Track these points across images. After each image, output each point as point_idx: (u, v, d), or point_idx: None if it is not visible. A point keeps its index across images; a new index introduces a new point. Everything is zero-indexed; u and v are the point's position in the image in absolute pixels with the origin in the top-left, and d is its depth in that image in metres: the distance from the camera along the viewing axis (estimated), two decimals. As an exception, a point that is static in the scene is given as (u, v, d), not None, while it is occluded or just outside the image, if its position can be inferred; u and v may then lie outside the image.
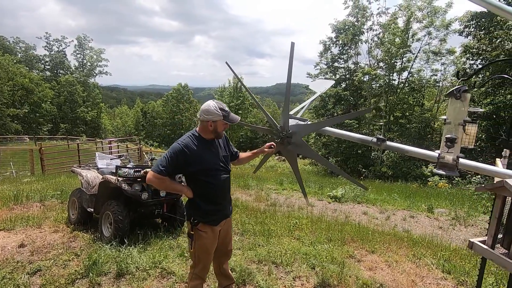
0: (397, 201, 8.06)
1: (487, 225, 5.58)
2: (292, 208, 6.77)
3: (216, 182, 2.08)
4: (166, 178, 1.97)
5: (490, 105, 13.79)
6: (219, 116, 2.01)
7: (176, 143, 2.01)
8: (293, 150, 2.36)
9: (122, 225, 3.62)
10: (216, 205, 2.12)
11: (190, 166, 2.00)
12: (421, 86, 18.93)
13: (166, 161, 1.94)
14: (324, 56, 22.01)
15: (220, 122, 2.04)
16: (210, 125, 2.03)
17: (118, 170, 3.79)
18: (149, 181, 1.95)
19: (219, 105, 2.02)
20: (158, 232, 4.01)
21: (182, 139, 2.04)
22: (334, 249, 3.85)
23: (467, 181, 13.73)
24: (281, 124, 2.29)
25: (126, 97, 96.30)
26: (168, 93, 47.45)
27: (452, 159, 1.69)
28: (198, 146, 2.03)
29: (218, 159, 2.13)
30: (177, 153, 1.96)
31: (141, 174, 3.75)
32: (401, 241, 4.43)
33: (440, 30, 17.06)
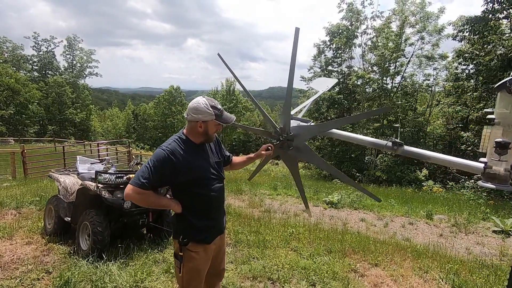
0: (394, 207, 7.85)
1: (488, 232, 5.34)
2: (287, 214, 6.47)
3: (209, 193, 1.77)
4: (149, 192, 1.63)
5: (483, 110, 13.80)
6: (211, 116, 1.69)
7: (159, 149, 1.67)
8: (295, 155, 2.06)
9: (101, 237, 3.26)
10: (210, 220, 1.80)
11: (178, 176, 1.67)
12: (414, 90, 18.98)
13: (149, 172, 1.60)
14: (318, 59, 21.94)
15: (212, 122, 1.72)
16: (199, 126, 1.72)
17: (98, 176, 3.42)
18: (128, 198, 1.60)
19: (211, 102, 1.70)
20: (142, 245, 3.65)
21: (167, 143, 1.71)
22: (334, 262, 3.56)
23: (461, 185, 13.69)
24: (281, 126, 1.99)
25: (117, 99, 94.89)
26: (160, 95, 46.84)
27: (504, 170, 1.40)
28: (186, 151, 1.70)
29: (210, 166, 1.81)
30: (161, 161, 1.62)
31: (123, 181, 3.40)
32: (404, 251, 4.16)
33: (432, 35, 17.14)
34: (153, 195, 1.66)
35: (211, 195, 1.77)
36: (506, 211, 7.84)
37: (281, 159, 2.18)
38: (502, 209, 8.09)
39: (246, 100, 38.74)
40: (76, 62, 40.09)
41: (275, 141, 2.06)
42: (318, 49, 21.37)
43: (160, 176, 1.63)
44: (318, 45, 21.30)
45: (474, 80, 14.26)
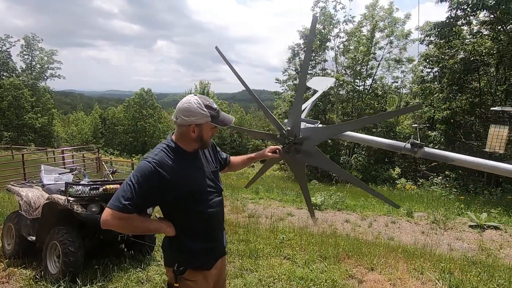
0: (375, 206, 7.97)
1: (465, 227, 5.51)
2: (271, 219, 6.30)
3: (207, 210, 1.49)
4: (133, 216, 1.32)
5: (448, 110, 14.67)
6: (206, 117, 1.41)
7: (144, 161, 1.37)
8: (303, 160, 1.86)
9: (74, 258, 2.85)
10: (209, 242, 1.53)
11: (168, 193, 1.38)
12: (384, 92, 19.81)
13: (132, 191, 1.29)
14: (293, 62, 22.18)
15: (207, 125, 1.45)
16: (192, 131, 1.43)
17: (69, 188, 3.00)
18: (107, 225, 1.28)
19: (205, 101, 1.42)
20: (122, 263, 3.26)
21: (153, 154, 1.40)
22: (331, 268, 3.42)
23: (430, 182, 14.40)
24: (289, 127, 1.78)
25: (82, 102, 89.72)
26: (130, 98, 44.89)
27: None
28: (177, 162, 1.42)
29: (206, 177, 1.53)
30: (147, 176, 1.32)
31: (99, 192, 3.01)
32: (395, 252, 4.14)
33: (400, 40, 18.00)
34: (138, 218, 1.34)
35: (210, 211, 1.50)
36: (477, 206, 8.28)
37: (287, 165, 1.98)
38: (473, 204, 8.53)
39: (221, 103, 38.32)
40: (36, 63, 37.24)
41: (281, 145, 1.86)
42: (292, 51, 21.61)
43: (147, 195, 1.33)
44: (292, 48, 21.55)
45: (439, 82, 15.14)
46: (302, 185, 2.07)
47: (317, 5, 19.60)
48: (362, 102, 18.42)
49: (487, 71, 13.58)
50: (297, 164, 1.97)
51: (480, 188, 11.99)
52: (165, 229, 1.44)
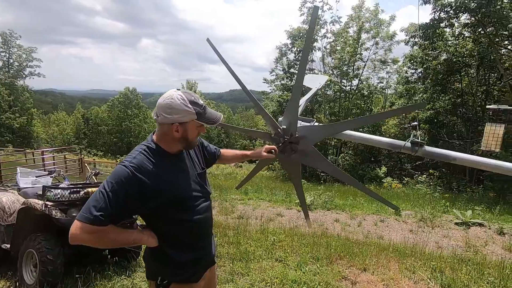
0: (364, 205, 8.01)
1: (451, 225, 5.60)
2: (261, 220, 6.21)
3: (193, 217, 1.34)
4: (108, 228, 1.15)
5: (431, 110, 15.04)
6: (191, 114, 1.25)
7: (120, 166, 1.21)
8: (298, 160, 1.77)
9: (52, 267, 2.65)
10: (196, 251, 1.39)
11: (148, 201, 1.23)
12: (370, 92, 20.12)
13: (105, 200, 1.13)
14: (280, 62, 22.17)
15: (193, 124, 1.28)
16: (176, 130, 1.26)
17: (47, 191, 2.81)
18: (76, 240, 1.12)
19: (189, 97, 1.26)
20: (105, 271, 3.08)
21: (131, 157, 1.24)
22: (323, 270, 3.36)
23: (415, 181, 14.71)
24: (285, 125, 1.69)
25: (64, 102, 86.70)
26: (114, 98, 43.81)
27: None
28: (159, 165, 1.26)
29: (192, 180, 1.38)
30: (124, 183, 1.16)
31: (80, 196, 2.82)
32: (386, 251, 4.14)
33: (385, 41, 18.32)
34: (114, 230, 1.18)
35: (196, 219, 1.35)
36: (461, 203, 8.48)
37: (281, 165, 1.88)
38: (457, 201, 8.74)
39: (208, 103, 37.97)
40: (13, 60, 35.69)
41: (277, 144, 1.76)
42: (280, 51, 21.60)
43: (123, 204, 1.16)
44: (280, 48, 21.54)
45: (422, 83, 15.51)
46: (297, 186, 1.98)
47: (305, 6, 19.68)
48: (349, 102, 18.63)
49: (468, 72, 14.01)
50: (292, 164, 1.88)
51: (463, 186, 12.35)
52: (147, 239, 1.29)
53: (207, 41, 1.64)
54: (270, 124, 1.72)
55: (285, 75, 21.46)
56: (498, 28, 10.86)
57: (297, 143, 1.69)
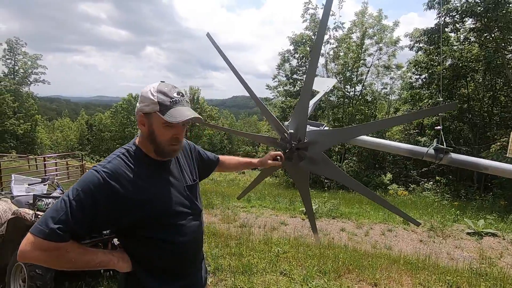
0: (370, 213, 7.77)
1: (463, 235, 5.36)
2: (264, 229, 6.00)
3: (179, 239, 1.11)
4: (67, 245, 0.93)
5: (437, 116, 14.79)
6: (153, 104, 1.03)
7: (91, 170, 1.01)
8: (307, 167, 1.59)
9: (42, 282, 2.48)
10: (181, 280, 1.16)
11: (123, 216, 1.01)
12: (374, 98, 19.96)
13: (66, 210, 0.92)
14: (282, 68, 22.14)
15: (157, 118, 1.04)
16: (142, 123, 1.08)
17: (38, 200, 2.65)
18: (25, 258, 0.91)
19: (162, 87, 1.05)
20: (99, 285, 2.89)
21: (106, 161, 1.05)
22: (331, 285, 3.14)
23: (422, 188, 14.40)
24: (292, 130, 1.52)
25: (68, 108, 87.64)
26: (117, 104, 44.06)
27: None
28: (138, 172, 1.05)
29: (179, 193, 1.15)
30: (92, 191, 0.96)
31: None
32: (397, 264, 3.91)
33: (389, 46, 18.22)
34: (75, 249, 0.95)
35: (182, 240, 1.11)
36: (472, 212, 8.20)
37: (288, 173, 1.71)
38: (468, 210, 8.45)
39: (211, 109, 38.00)
40: (19, 67, 36.10)
41: (282, 150, 1.59)
42: (282, 57, 21.59)
43: (89, 217, 0.95)
44: (282, 54, 21.54)
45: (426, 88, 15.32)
46: (304, 196, 1.80)
47: (307, 12, 19.72)
48: (353, 108, 18.46)
49: (475, 78, 13.81)
50: (299, 173, 1.70)
51: (472, 193, 12.03)
52: (117, 263, 1.05)
53: (207, 36, 1.49)
54: (276, 127, 1.55)
55: (288, 81, 21.40)
56: (505, 33, 10.70)
57: (306, 149, 1.52)
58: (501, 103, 13.65)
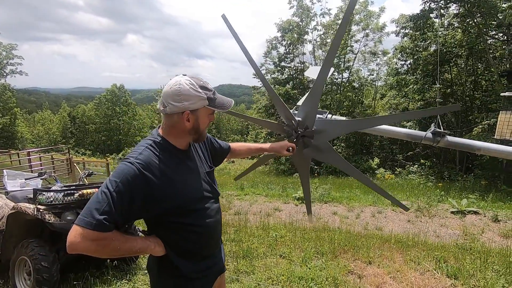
0: (360, 197, 8.04)
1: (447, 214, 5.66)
2: (259, 215, 6.14)
3: (205, 221, 1.20)
4: (111, 235, 0.99)
5: (422, 101, 15.20)
6: (202, 100, 1.12)
7: (125, 163, 1.05)
8: (310, 154, 1.67)
9: (48, 275, 2.50)
10: (207, 260, 1.26)
11: (157, 204, 1.08)
12: (361, 84, 20.22)
13: (109, 202, 0.97)
14: (270, 56, 21.96)
15: (204, 111, 1.15)
16: (187, 120, 1.13)
17: (38, 194, 2.63)
18: (75, 249, 0.96)
19: (198, 82, 1.13)
20: (104, 275, 2.94)
21: (136, 153, 1.09)
22: (329, 265, 3.31)
23: (407, 171, 14.92)
24: (300, 118, 1.58)
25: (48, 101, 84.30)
26: (101, 95, 42.75)
27: None
28: (168, 163, 1.13)
29: (202, 180, 1.24)
30: (130, 182, 1.01)
31: (75, 198, 2.66)
32: (389, 243, 4.12)
33: (375, 33, 18.35)
34: (119, 237, 1.01)
35: (207, 222, 1.21)
36: (455, 192, 8.62)
37: (292, 159, 1.79)
38: (451, 190, 8.88)
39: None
40: (-7, 58, 34.24)
41: (288, 136, 1.66)
42: (270, 45, 21.38)
43: (129, 207, 1.01)
44: (270, 41, 21.32)
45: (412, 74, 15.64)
46: (304, 181, 1.89)
47: (294, -2, 19.48)
48: (340, 94, 18.67)
49: (457, 63, 14.18)
50: (302, 159, 1.77)
51: (455, 174, 12.57)
52: (153, 248, 1.12)
53: (222, 17, 1.50)
54: (284, 114, 1.61)
55: (276, 68, 21.29)
56: (486, 18, 10.97)
57: (312, 137, 1.59)
58: (482, 88, 14.13)
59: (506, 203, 7.72)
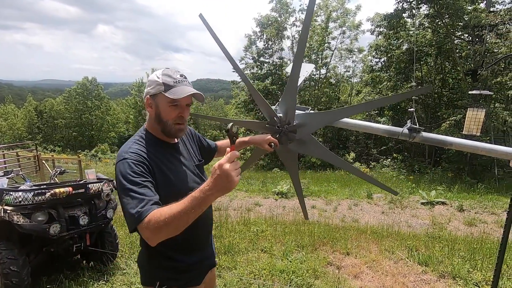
0: (337, 190, 8.29)
1: (418, 205, 5.97)
2: (240, 211, 6.16)
3: None
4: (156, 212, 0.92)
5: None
6: (158, 85, 1.11)
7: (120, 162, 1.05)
8: (295, 149, 1.69)
9: (18, 279, 2.37)
10: (198, 253, 1.27)
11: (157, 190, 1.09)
12: (337, 81, 20.68)
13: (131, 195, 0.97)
14: (249, 50, 21.85)
15: (163, 98, 1.11)
16: (149, 106, 1.16)
17: (5, 195, 2.47)
18: (155, 241, 0.92)
19: (167, 71, 1.15)
20: (80, 277, 2.82)
21: (126, 148, 1.11)
22: (309, 257, 3.39)
23: (381, 165, 15.54)
24: (281, 114, 1.60)
25: (12, 94, 78.62)
26: (71, 88, 40.53)
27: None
28: (156, 154, 1.13)
29: (191, 172, 1.25)
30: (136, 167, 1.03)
31: (46, 198, 2.52)
32: (365, 235, 4.30)
33: (352, 30, 18.78)
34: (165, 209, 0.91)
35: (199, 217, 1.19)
36: (425, 184, 9.11)
37: (279, 155, 1.80)
38: (421, 183, 9.37)
39: (175, 93, 36.51)
40: None
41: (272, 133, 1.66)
42: (249, 39, 21.25)
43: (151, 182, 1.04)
44: (249, 36, 21.18)
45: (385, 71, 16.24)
46: (294, 177, 1.91)
47: (273, -7, 19.41)
48: (318, 90, 19.00)
49: (427, 61, 14.87)
50: (288, 154, 1.79)
51: (424, 168, 13.27)
52: (211, 194, 0.88)
53: (199, 17, 1.47)
54: (266, 111, 1.61)
55: (255, 63, 21.23)
56: (454, 19, 11.57)
57: (295, 132, 1.61)
58: (449, 85, 14.95)
59: (470, 193, 8.28)
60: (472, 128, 2.07)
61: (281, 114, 1.63)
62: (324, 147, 1.67)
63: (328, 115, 1.60)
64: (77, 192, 2.72)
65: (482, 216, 6.03)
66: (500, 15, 10.04)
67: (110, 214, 2.97)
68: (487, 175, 10.89)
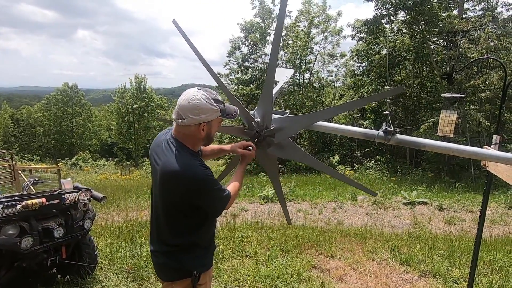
0: (322, 193, 8.37)
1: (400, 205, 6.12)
2: (225, 216, 6.10)
3: None
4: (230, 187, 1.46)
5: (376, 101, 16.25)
6: (216, 112, 1.30)
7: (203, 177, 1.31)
8: (275, 153, 1.70)
9: (-14, 297, 2.22)
10: (214, 240, 1.57)
11: None
12: (321, 85, 21.05)
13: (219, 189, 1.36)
14: (233, 56, 21.89)
15: (216, 120, 1.36)
16: (202, 129, 1.32)
17: (-28, 208, 2.32)
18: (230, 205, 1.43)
19: (212, 95, 1.30)
20: (54, 292, 2.69)
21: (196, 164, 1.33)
22: (294, 261, 3.39)
23: (365, 167, 15.86)
24: (258, 118, 1.59)
25: (-14, 101, 75.14)
26: (50, 95, 39.21)
27: None
28: None
29: None
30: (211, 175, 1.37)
31: (18, 210, 2.39)
32: (349, 236, 4.34)
33: (334, 36, 19.21)
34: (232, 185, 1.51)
35: None
36: (407, 185, 9.35)
37: (258, 160, 1.79)
38: (403, 184, 9.61)
39: (160, 98, 36.00)
40: None
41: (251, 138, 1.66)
42: (233, 45, 21.30)
43: None
44: (233, 41, 21.24)
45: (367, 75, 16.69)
46: (275, 182, 1.91)
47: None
48: (302, 94, 19.25)
49: (406, 66, 15.41)
50: (268, 159, 1.79)
51: (406, 168, 13.64)
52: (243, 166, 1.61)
53: (172, 23, 1.46)
54: (244, 116, 1.60)
55: (240, 68, 21.28)
56: (429, 25, 12.06)
57: (273, 136, 1.61)
58: (427, 88, 15.52)
59: (449, 192, 8.58)
60: (446, 130, 2.14)
61: (259, 118, 1.63)
62: (303, 151, 1.68)
63: (305, 118, 1.62)
64: (51, 203, 2.60)
65: (461, 215, 6.24)
66: (472, 22, 10.56)
67: (88, 224, 2.85)
68: (464, 175, 11.32)
